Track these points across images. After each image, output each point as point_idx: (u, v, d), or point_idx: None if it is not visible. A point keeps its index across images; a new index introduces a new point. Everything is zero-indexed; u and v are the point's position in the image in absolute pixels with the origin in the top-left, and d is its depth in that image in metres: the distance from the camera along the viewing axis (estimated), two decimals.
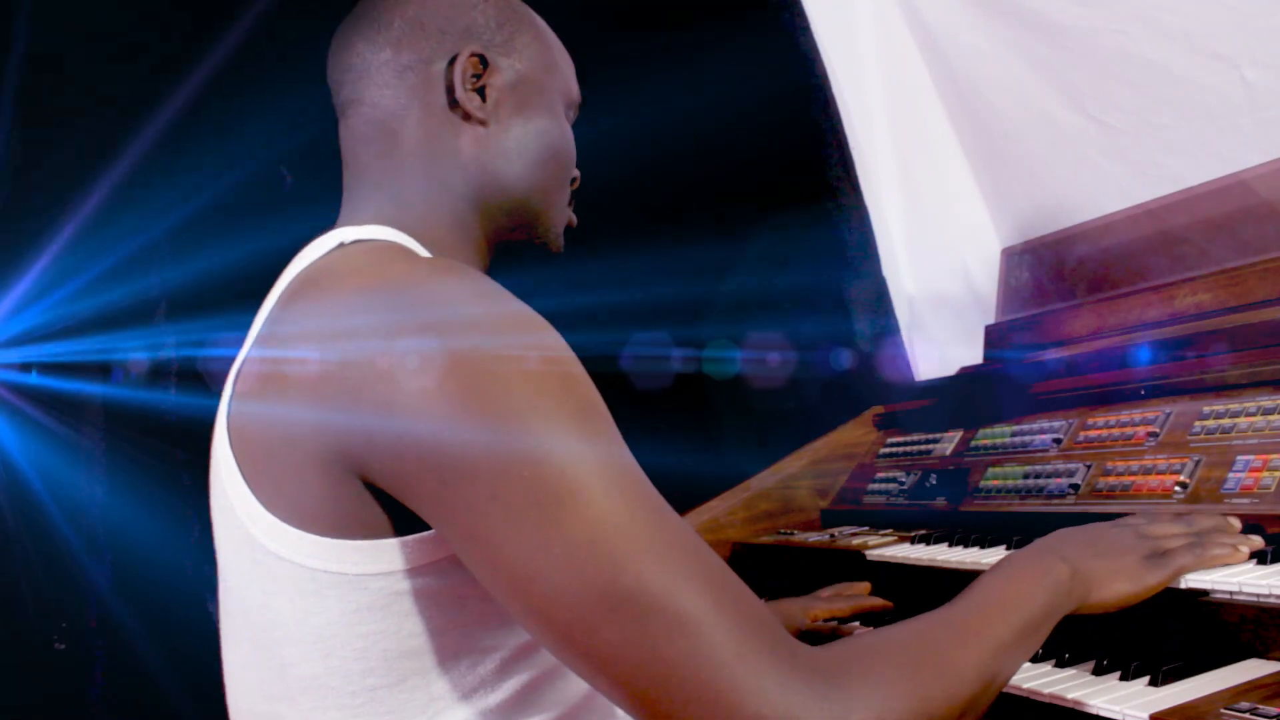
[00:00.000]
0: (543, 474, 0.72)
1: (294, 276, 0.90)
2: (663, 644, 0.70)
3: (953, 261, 2.37)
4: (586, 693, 0.90)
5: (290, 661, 0.83)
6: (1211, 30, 1.75)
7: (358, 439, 0.76)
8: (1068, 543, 1.01)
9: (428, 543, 0.80)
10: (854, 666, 0.74)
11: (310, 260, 0.91)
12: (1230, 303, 1.51)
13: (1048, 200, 2.11)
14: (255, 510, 0.82)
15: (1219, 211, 1.61)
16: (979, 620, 0.85)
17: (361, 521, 0.79)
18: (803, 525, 1.90)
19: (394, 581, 0.80)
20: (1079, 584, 0.96)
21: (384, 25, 1.00)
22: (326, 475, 0.78)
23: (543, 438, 0.73)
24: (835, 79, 2.41)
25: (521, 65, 1.02)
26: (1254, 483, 1.17)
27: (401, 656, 0.81)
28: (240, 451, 0.84)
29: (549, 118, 1.04)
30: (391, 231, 0.95)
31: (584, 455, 0.74)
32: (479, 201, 1.01)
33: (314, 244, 0.94)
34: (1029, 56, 2.06)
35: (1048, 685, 1.05)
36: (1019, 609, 0.89)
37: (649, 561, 0.71)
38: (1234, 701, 0.90)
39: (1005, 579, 0.92)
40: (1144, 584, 1.01)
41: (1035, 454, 1.54)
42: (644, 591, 0.70)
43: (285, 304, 0.88)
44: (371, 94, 1.00)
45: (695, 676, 0.70)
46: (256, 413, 0.84)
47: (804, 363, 2.39)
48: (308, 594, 0.81)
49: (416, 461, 0.74)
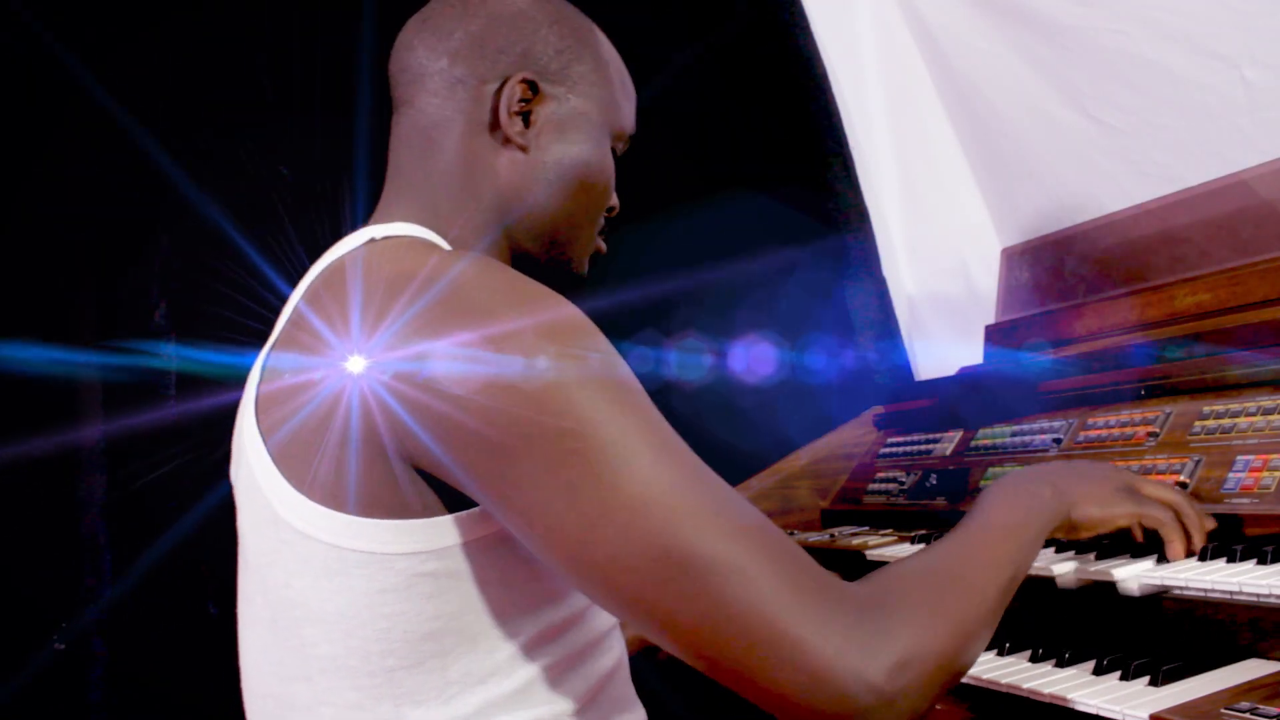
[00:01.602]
0: (594, 445, 0.75)
1: (326, 265, 0.93)
2: (724, 597, 0.74)
3: (953, 261, 2.37)
4: (598, 681, 0.91)
5: (310, 641, 0.85)
6: (1211, 30, 1.75)
7: (397, 421, 0.78)
8: (1051, 470, 1.10)
9: (458, 523, 0.82)
10: (890, 598, 0.79)
11: (340, 254, 0.93)
12: (1230, 303, 1.51)
13: (1048, 200, 2.11)
14: (283, 489, 0.84)
15: (1219, 211, 1.61)
16: (990, 544, 0.92)
17: (393, 501, 0.81)
18: (803, 525, 1.90)
19: (419, 562, 0.81)
20: (1062, 503, 1.04)
21: (446, 35, 1.01)
22: (360, 456, 0.80)
23: (589, 410, 0.76)
24: (835, 79, 2.41)
25: (573, 95, 1.03)
26: (1254, 483, 1.17)
27: (422, 639, 0.82)
28: (269, 434, 0.86)
29: (591, 150, 1.04)
30: (421, 229, 0.97)
31: (629, 425, 0.77)
32: (507, 221, 1.02)
33: (345, 240, 0.96)
34: (1029, 56, 2.06)
35: (1048, 685, 1.05)
36: (1021, 530, 0.95)
37: (702, 520, 0.75)
38: (1234, 701, 0.90)
39: (1002, 503, 0.98)
40: (1110, 512, 1.09)
41: (1035, 454, 1.54)
42: (701, 549, 0.74)
43: (318, 290, 0.90)
44: (422, 99, 1.01)
45: (755, 625, 0.74)
46: (289, 398, 0.86)
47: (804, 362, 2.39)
48: (334, 573, 0.82)
49: (465, 443, 0.77)
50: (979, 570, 0.88)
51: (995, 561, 0.90)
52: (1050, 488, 1.04)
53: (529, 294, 0.82)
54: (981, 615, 0.85)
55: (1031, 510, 0.99)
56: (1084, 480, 1.10)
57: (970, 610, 0.84)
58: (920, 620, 0.78)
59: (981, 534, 0.93)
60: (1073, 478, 1.09)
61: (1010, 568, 0.90)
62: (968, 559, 0.89)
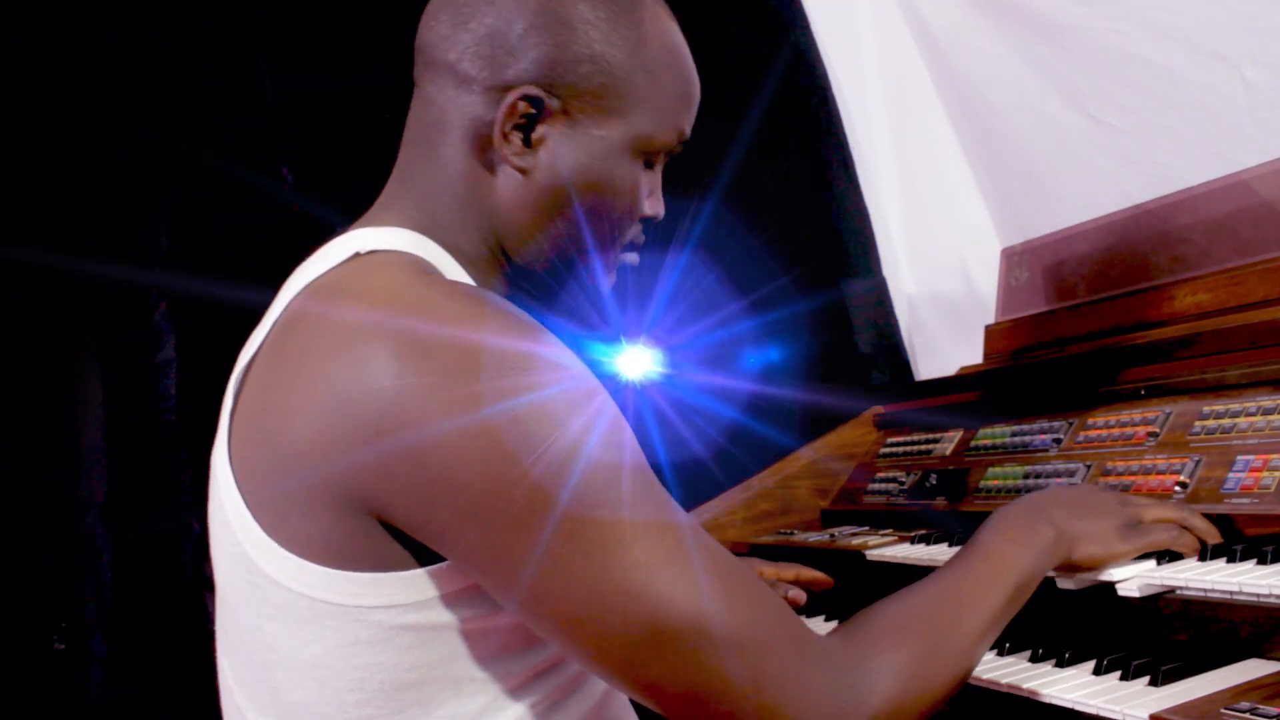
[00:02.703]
0: (584, 522, 0.74)
1: (304, 286, 0.85)
2: (714, 669, 0.76)
3: (953, 261, 2.37)
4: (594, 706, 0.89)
5: (283, 686, 0.81)
6: (1211, 30, 1.75)
7: (373, 478, 0.74)
8: (1055, 503, 1.07)
9: (433, 577, 0.79)
10: (871, 651, 0.81)
11: (322, 269, 0.86)
12: (1230, 303, 1.51)
13: (1048, 200, 2.11)
14: (255, 533, 0.80)
15: (1219, 211, 1.61)
16: (976, 589, 0.91)
17: (365, 554, 0.77)
18: (803, 525, 1.89)
19: (394, 615, 0.78)
20: (1063, 544, 1.03)
21: (464, 21, 0.89)
22: (332, 508, 0.76)
23: (578, 483, 0.74)
24: (835, 79, 2.41)
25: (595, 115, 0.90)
26: (1254, 483, 1.17)
27: (400, 688, 0.80)
28: (241, 472, 0.82)
29: (610, 175, 0.92)
30: (416, 237, 0.89)
31: (620, 497, 0.76)
32: (504, 240, 0.94)
33: (328, 247, 0.89)
34: (1029, 56, 2.06)
35: (1048, 685, 1.05)
36: (1011, 574, 0.94)
37: (693, 595, 0.75)
38: (1234, 701, 0.90)
39: (999, 541, 0.97)
40: (1112, 551, 1.07)
41: (1035, 454, 1.54)
42: (693, 625, 0.75)
43: (292, 319, 0.84)
44: (431, 89, 0.92)
45: (743, 694, 0.76)
46: (258, 436, 0.81)
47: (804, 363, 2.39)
48: (305, 622, 0.79)
49: (449, 510, 0.74)
50: (962, 620, 0.88)
51: (980, 610, 0.90)
52: (1053, 529, 1.02)
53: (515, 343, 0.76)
54: (959, 667, 0.86)
55: (1029, 549, 0.98)
56: (1085, 517, 1.08)
57: (948, 665, 0.85)
58: (899, 675, 0.81)
59: (971, 578, 0.93)
60: (1075, 515, 1.07)
61: (995, 612, 0.91)
62: (952, 607, 0.89)
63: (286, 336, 0.83)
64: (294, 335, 0.82)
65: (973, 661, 0.88)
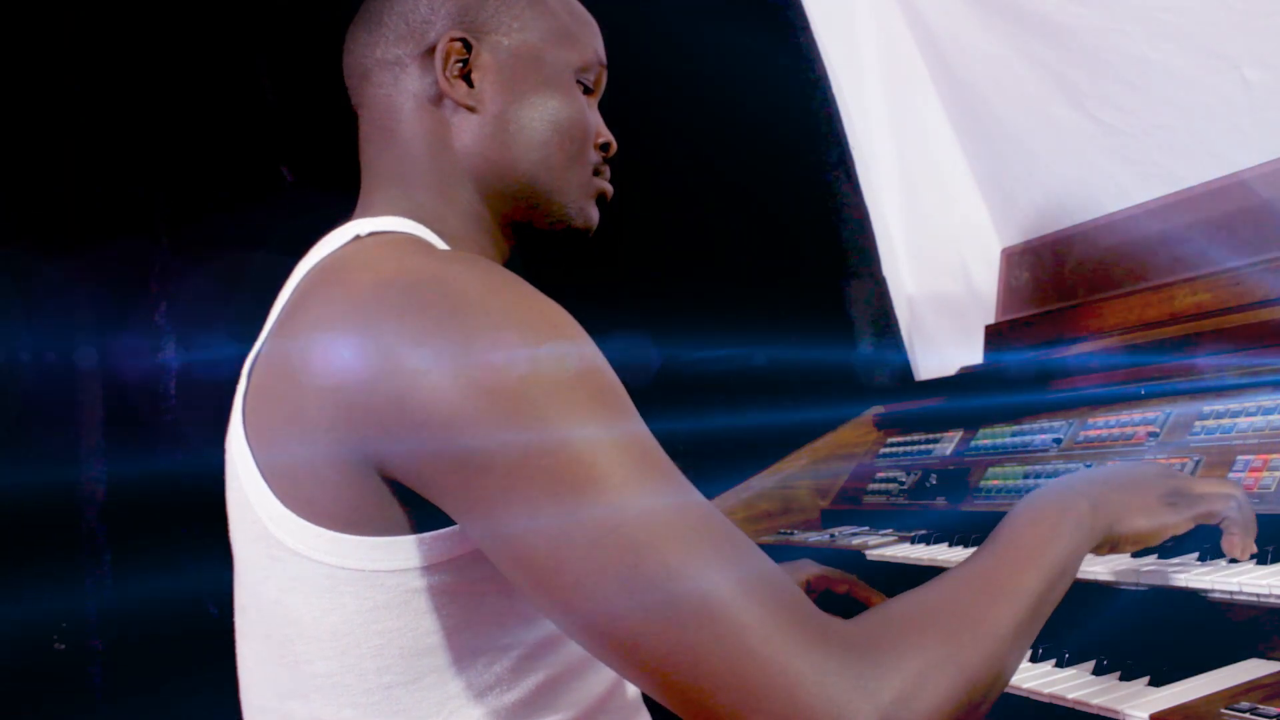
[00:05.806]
0: (559, 463, 0.71)
1: (309, 269, 0.90)
2: (690, 630, 0.68)
3: (953, 261, 2.37)
4: (603, 693, 0.89)
5: (304, 659, 0.82)
6: (1211, 30, 1.75)
7: (375, 435, 0.76)
8: (1083, 478, 0.95)
9: (445, 539, 0.79)
10: (886, 639, 0.72)
11: (325, 253, 0.90)
12: (1230, 303, 1.51)
13: (1048, 200, 2.11)
14: (272, 506, 0.81)
15: (1219, 211, 1.61)
16: (1009, 572, 0.81)
17: (379, 518, 0.79)
18: (803, 525, 1.90)
19: (411, 578, 0.79)
20: (1101, 517, 0.90)
21: (376, 24, 0.99)
22: (344, 471, 0.78)
23: (559, 427, 0.72)
24: (835, 79, 2.42)
25: (511, 40, 0.98)
26: (1254, 483, 1.17)
27: (419, 654, 0.80)
28: (257, 446, 0.84)
29: (551, 92, 0.99)
30: (406, 222, 0.94)
31: (601, 442, 0.72)
32: (484, 189, 0.98)
33: (329, 237, 0.93)
34: (1029, 56, 2.06)
35: (1048, 685, 1.05)
36: (1047, 554, 0.83)
37: (672, 546, 0.70)
38: (1234, 701, 0.90)
39: (1029, 522, 0.86)
40: (1160, 522, 0.94)
41: (1035, 454, 1.54)
42: (668, 577, 0.69)
43: (300, 297, 0.87)
44: (370, 94, 0.99)
45: (724, 662, 0.68)
46: (272, 408, 0.84)
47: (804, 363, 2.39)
48: (324, 590, 0.80)
49: (436, 458, 0.74)
50: (994, 605, 0.77)
51: (1016, 594, 0.79)
52: (1087, 501, 0.89)
53: (509, 302, 0.77)
54: (995, 657, 0.75)
55: (1063, 527, 0.86)
56: (1125, 489, 0.94)
57: (980, 654, 0.74)
58: (916, 667, 0.70)
59: (1003, 561, 0.82)
60: (1112, 487, 0.94)
61: (1033, 598, 0.79)
62: (984, 592, 0.79)
63: (296, 313, 0.86)
64: (303, 311, 0.85)
65: (1009, 656, 0.77)
